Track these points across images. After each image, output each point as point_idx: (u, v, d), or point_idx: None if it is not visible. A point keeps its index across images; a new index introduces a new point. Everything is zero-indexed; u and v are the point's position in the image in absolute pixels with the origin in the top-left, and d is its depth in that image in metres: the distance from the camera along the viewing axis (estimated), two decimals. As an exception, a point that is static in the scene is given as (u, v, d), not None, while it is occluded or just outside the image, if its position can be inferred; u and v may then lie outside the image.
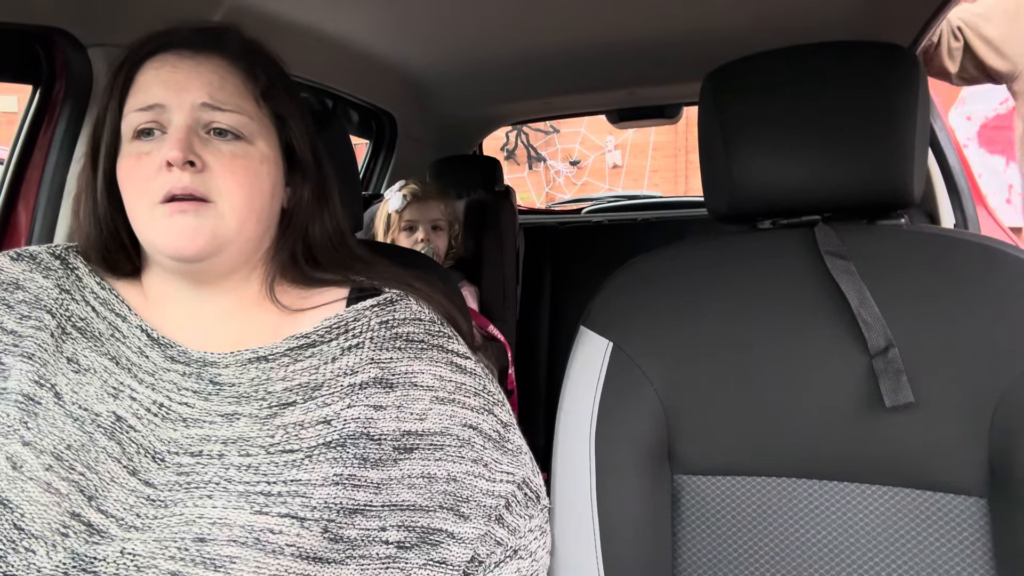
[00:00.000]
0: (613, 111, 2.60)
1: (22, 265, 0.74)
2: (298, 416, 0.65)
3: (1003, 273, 0.74)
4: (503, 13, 1.53)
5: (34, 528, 0.60)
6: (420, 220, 1.86)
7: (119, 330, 0.71)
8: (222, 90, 0.69)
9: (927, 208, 1.72)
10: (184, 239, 0.66)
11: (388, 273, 0.77)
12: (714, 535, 0.80)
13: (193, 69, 0.69)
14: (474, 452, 0.69)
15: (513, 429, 0.74)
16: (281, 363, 0.68)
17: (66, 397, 0.66)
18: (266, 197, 0.71)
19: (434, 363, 0.70)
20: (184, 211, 0.66)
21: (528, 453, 0.75)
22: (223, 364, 0.69)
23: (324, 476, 0.63)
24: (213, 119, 0.68)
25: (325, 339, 0.70)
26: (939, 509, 0.73)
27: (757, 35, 1.25)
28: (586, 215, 3.17)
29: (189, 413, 0.67)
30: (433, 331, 0.72)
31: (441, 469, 0.67)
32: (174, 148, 0.65)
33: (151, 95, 0.68)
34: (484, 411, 0.71)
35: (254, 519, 0.60)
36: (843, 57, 0.82)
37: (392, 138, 2.29)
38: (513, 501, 0.71)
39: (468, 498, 0.68)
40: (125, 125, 0.69)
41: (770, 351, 0.78)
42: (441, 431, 0.68)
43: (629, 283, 0.87)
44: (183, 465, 0.64)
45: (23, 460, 0.62)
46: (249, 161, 0.69)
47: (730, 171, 0.83)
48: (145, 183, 0.67)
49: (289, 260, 0.75)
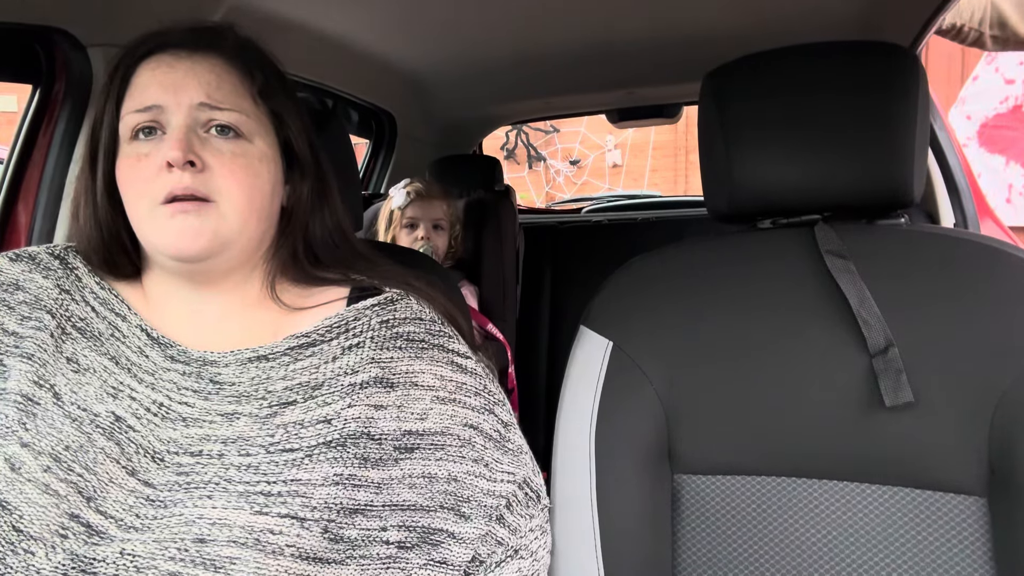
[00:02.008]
0: (613, 111, 2.60)
1: (21, 266, 0.74)
2: (298, 415, 0.65)
3: (1003, 273, 0.74)
4: (503, 13, 1.53)
5: (33, 530, 0.59)
6: (422, 218, 1.86)
7: (119, 330, 0.71)
8: (219, 89, 0.69)
9: (927, 208, 1.72)
10: (186, 239, 0.66)
11: (389, 272, 0.78)
12: (714, 535, 0.80)
13: (190, 69, 0.69)
14: (475, 452, 0.69)
15: (514, 428, 0.74)
16: (281, 362, 0.68)
17: (65, 397, 0.66)
18: (266, 195, 0.71)
19: (435, 363, 0.70)
20: (186, 211, 0.66)
21: (528, 453, 0.75)
22: (223, 363, 0.69)
23: (324, 476, 0.63)
24: (212, 117, 0.68)
25: (325, 338, 0.70)
26: (939, 509, 0.73)
27: (757, 35, 1.25)
28: (586, 215, 3.17)
29: (189, 413, 0.67)
30: (434, 331, 0.72)
31: (442, 469, 0.67)
32: (174, 148, 0.65)
33: (148, 96, 0.68)
34: (485, 411, 0.71)
35: (254, 519, 0.60)
36: (843, 57, 0.82)
37: (392, 138, 2.30)
38: (514, 501, 0.71)
39: (469, 498, 0.68)
40: (123, 126, 0.69)
41: (770, 350, 0.78)
42: (442, 431, 0.68)
43: (629, 283, 0.87)
44: (183, 465, 0.64)
45: (21, 461, 0.62)
46: (248, 160, 0.69)
47: (730, 171, 0.83)
48: (145, 184, 0.66)
49: (290, 258, 0.75)
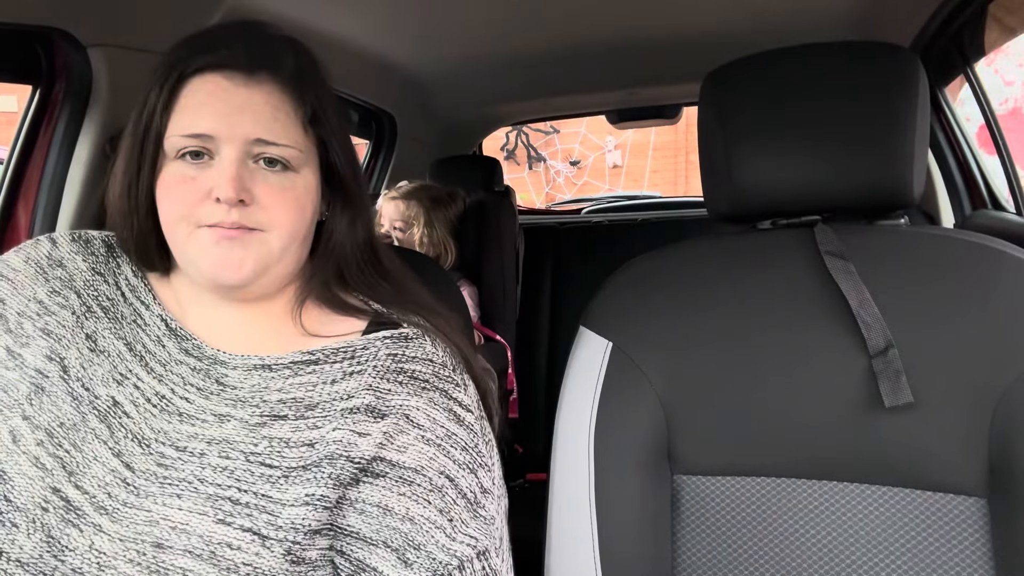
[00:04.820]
0: (613, 111, 2.61)
1: (74, 246, 0.76)
2: (286, 432, 0.64)
3: (1003, 273, 0.74)
4: (503, 13, 1.53)
5: (20, 501, 0.62)
6: (384, 217, 1.93)
7: (141, 317, 0.72)
8: (275, 122, 0.67)
9: (927, 208, 1.72)
10: (230, 269, 0.66)
11: (414, 303, 0.75)
12: (714, 535, 0.80)
13: (246, 99, 0.66)
14: (443, 503, 0.64)
15: (491, 498, 0.68)
16: (283, 374, 0.68)
17: (72, 372, 0.68)
18: (309, 223, 0.71)
19: (433, 405, 0.67)
20: (231, 239, 0.65)
21: (500, 530, 0.69)
22: (231, 365, 0.69)
23: (295, 496, 0.62)
24: (264, 150, 0.66)
25: (329, 360, 0.69)
26: (939, 509, 0.73)
27: (757, 35, 1.25)
28: (586, 215, 3.17)
29: (186, 408, 0.67)
30: (442, 375, 0.69)
31: (401, 505, 0.63)
32: (227, 187, 0.63)
33: (201, 123, 0.65)
34: (467, 468, 0.66)
35: (215, 529, 0.60)
36: (843, 57, 0.82)
37: (392, 138, 2.30)
38: (468, 567, 0.64)
39: (420, 545, 0.63)
40: (168, 144, 0.67)
41: (770, 351, 0.78)
42: (416, 468, 0.64)
43: (629, 283, 0.87)
44: (166, 457, 0.64)
45: (21, 434, 0.64)
46: (296, 193, 0.68)
47: (730, 171, 0.83)
48: (190, 209, 0.65)
49: (322, 285, 0.74)
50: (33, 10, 0.99)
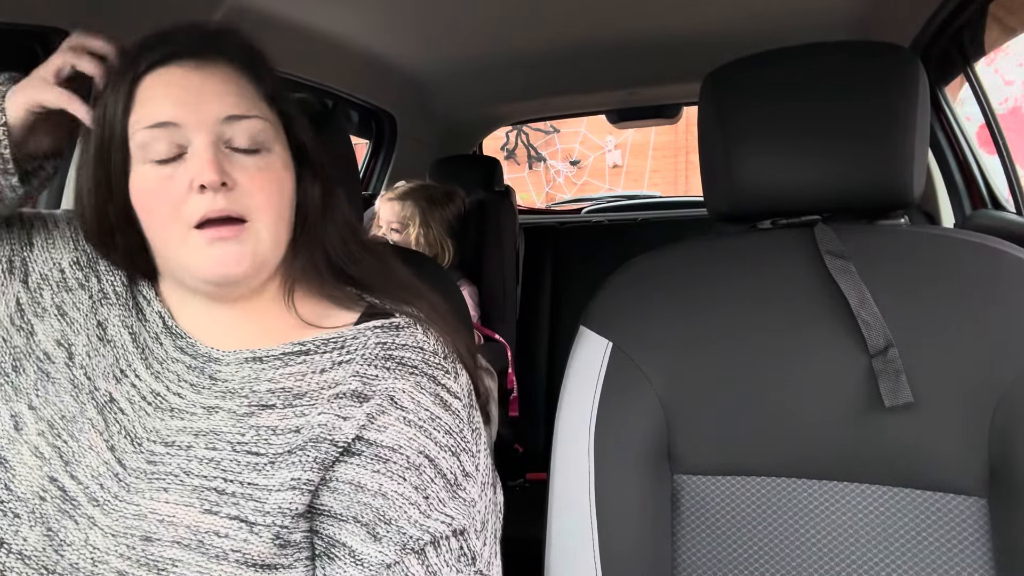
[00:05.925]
0: (613, 111, 2.61)
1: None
2: (274, 420, 0.64)
3: (1003, 273, 0.74)
4: (503, 13, 1.54)
5: (20, 490, 0.62)
6: (382, 219, 1.93)
7: (143, 311, 0.73)
8: (240, 97, 0.66)
9: (927, 208, 1.72)
10: (228, 266, 0.65)
11: (404, 291, 0.74)
12: (714, 535, 0.80)
13: (202, 82, 0.66)
14: (419, 480, 0.63)
15: (473, 482, 0.66)
16: (273, 365, 0.68)
17: (77, 359, 0.68)
18: (289, 204, 0.70)
19: (419, 388, 0.66)
20: (224, 238, 0.64)
21: (483, 515, 0.67)
22: (224, 362, 0.69)
23: (281, 481, 0.62)
24: (234, 134, 0.66)
25: (319, 350, 0.69)
26: (939, 509, 0.73)
27: (757, 35, 1.25)
28: (586, 215, 3.17)
29: (178, 404, 0.67)
30: (432, 361, 0.68)
31: (374, 481, 0.62)
32: (208, 170, 0.62)
33: (163, 111, 0.65)
34: (449, 451, 0.65)
35: (201, 519, 0.60)
36: (843, 57, 0.82)
37: (392, 138, 2.30)
38: (443, 545, 0.63)
39: (391, 520, 0.62)
40: (135, 143, 0.66)
41: (770, 351, 0.78)
42: (393, 447, 0.63)
43: (629, 283, 0.87)
44: (155, 454, 0.64)
45: (25, 422, 0.65)
46: (274, 172, 0.68)
47: (730, 171, 0.83)
48: (174, 208, 0.64)
49: (309, 264, 0.73)
50: (33, 10, 0.99)
